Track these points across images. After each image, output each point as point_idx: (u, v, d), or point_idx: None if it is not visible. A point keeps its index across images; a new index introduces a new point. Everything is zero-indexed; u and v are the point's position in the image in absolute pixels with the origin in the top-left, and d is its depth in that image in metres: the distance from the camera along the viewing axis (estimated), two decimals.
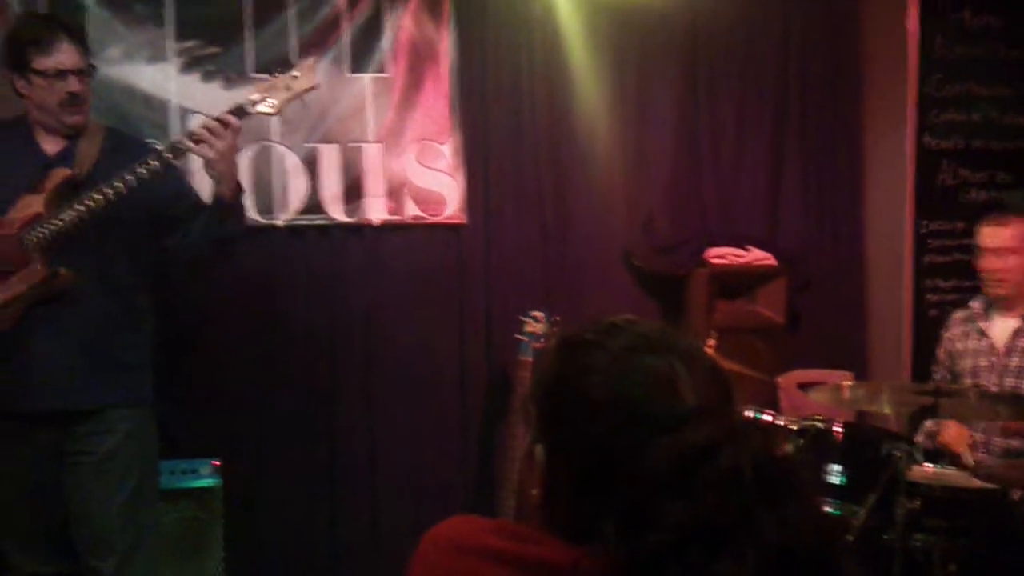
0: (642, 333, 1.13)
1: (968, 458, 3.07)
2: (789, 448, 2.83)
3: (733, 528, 0.96)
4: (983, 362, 3.31)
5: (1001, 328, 3.31)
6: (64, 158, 2.80)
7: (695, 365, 1.10)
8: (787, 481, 1.02)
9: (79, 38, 2.78)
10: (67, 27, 2.77)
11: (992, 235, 3.28)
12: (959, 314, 3.47)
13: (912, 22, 4.28)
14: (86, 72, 2.78)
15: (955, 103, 4.35)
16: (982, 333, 3.34)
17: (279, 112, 2.83)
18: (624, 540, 0.99)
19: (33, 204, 2.71)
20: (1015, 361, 3.24)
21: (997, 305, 3.34)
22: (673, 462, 0.99)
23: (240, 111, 2.76)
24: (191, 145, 2.71)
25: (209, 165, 2.75)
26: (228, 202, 2.81)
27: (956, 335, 3.43)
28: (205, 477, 3.39)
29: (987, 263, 3.29)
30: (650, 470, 1.00)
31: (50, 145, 2.82)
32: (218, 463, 3.41)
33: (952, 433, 3.22)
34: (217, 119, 2.71)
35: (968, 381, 3.31)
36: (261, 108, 2.78)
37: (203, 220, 2.84)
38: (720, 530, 0.96)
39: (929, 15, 4.29)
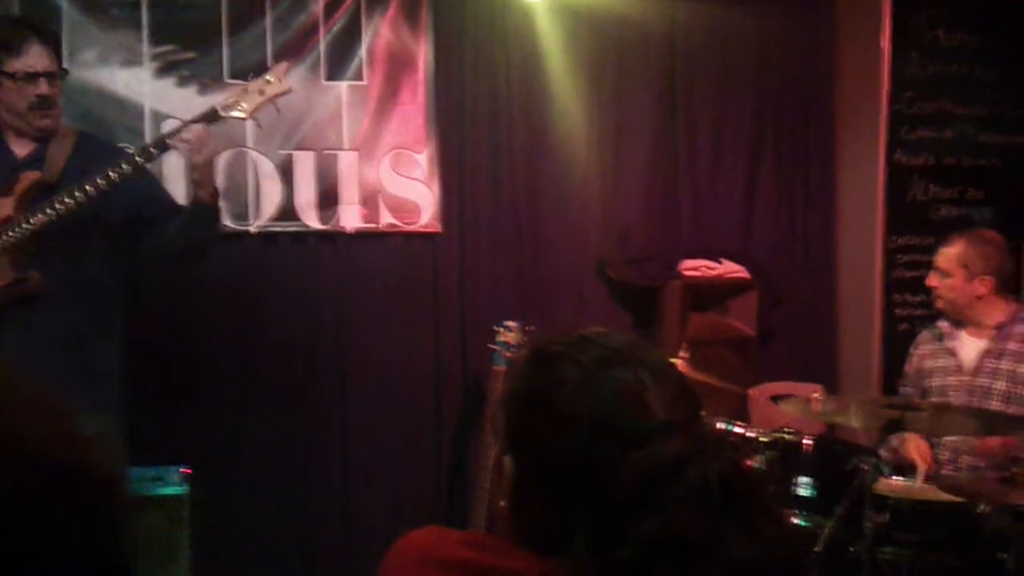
0: (613, 346, 1.14)
1: (922, 472, 3.11)
2: (758, 461, 2.85)
3: (701, 542, 0.97)
4: (952, 381, 3.35)
5: (970, 348, 3.35)
6: (34, 161, 2.78)
7: (665, 379, 1.11)
8: (754, 496, 1.03)
9: (50, 41, 2.76)
10: (38, 29, 2.75)
11: (938, 254, 3.40)
12: (927, 332, 3.51)
13: (885, 40, 4.33)
14: (57, 75, 2.76)
15: (927, 120, 4.40)
16: (951, 352, 3.38)
17: (251, 117, 2.82)
18: (593, 553, 0.99)
19: (3, 207, 2.68)
20: (982, 381, 3.28)
21: (964, 324, 3.39)
22: (641, 476, 0.99)
23: (212, 115, 2.75)
24: (181, 147, 2.70)
25: (194, 169, 2.74)
26: (208, 205, 2.81)
27: (925, 353, 3.46)
28: (172, 485, 3.35)
29: (928, 279, 3.42)
30: (619, 484, 1.00)
31: (20, 148, 2.79)
32: (187, 470, 3.38)
33: (912, 446, 3.27)
34: (201, 126, 2.70)
35: (936, 399, 3.35)
36: (233, 112, 2.77)
37: (180, 222, 2.84)
38: (688, 544, 0.97)
39: (903, 33, 4.34)
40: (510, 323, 3.75)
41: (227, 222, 3.74)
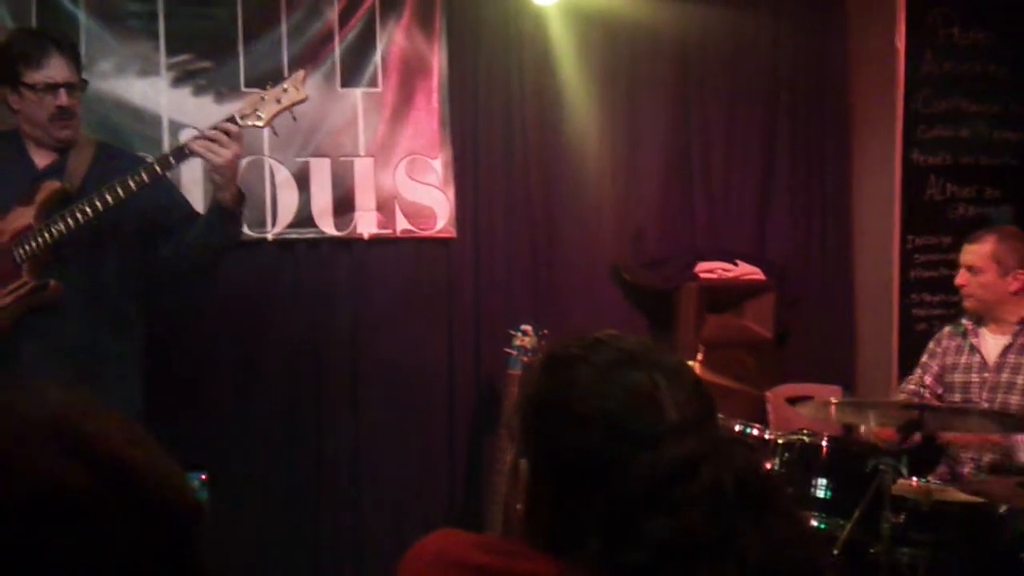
0: (626, 348, 1.14)
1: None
2: (776, 463, 2.85)
3: (715, 544, 0.97)
4: (974, 377, 3.35)
5: (992, 344, 3.35)
6: (55, 171, 2.81)
7: (678, 381, 1.12)
8: (769, 497, 1.03)
9: (70, 52, 2.79)
10: (58, 41, 2.78)
11: (966, 251, 3.37)
12: (951, 328, 3.50)
13: (900, 38, 4.32)
14: (77, 86, 2.79)
15: (943, 119, 4.38)
16: (973, 349, 3.38)
17: (268, 125, 2.83)
18: (607, 555, 1.00)
19: (23, 216, 2.71)
20: (1005, 377, 3.28)
21: (986, 321, 3.38)
22: (655, 478, 1.00)
23: (230, 123, 2.76)
24: (200, 150, 2.70)
25: (214, 171, 2.74)
26: (229, 208, 2.81)
27: (948, 349, 3.46)
28: None
29: (957, 277, 3.39)
30: (632, 486, 1.00)
31: (41, 158, 2.82)
32: (205, 477, 3.40)
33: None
34: (221, 128, 2.71)
35: (959, 396, 3.35)
36: (250, 121, 2.78)
37: (200, 227, 2.85)
38: (702, 546, 0.97)
39: (918, 31, 4.32)
40: (525, 327, 3.76)
41: (245, 229, 3.77)
